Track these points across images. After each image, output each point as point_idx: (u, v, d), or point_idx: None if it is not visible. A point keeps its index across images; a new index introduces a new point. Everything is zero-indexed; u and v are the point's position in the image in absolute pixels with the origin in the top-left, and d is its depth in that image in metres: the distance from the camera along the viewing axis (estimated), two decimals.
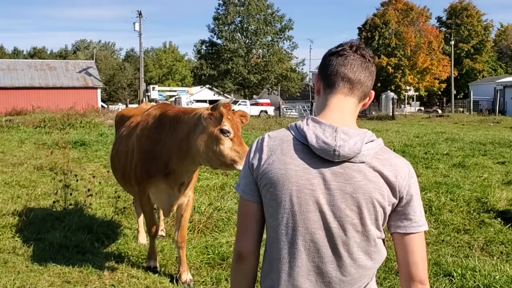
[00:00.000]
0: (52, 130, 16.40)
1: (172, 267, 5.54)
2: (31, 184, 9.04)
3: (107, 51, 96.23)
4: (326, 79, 1.93)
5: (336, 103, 1.90)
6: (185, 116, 4.85)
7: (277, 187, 1.82)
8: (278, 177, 1.82)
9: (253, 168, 1.88)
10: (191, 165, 4.92)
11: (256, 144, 1.92)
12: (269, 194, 1.84)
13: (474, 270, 5.20)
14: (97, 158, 11.46)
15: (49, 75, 45.67)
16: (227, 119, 4.40)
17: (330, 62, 1.92)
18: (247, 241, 1.93)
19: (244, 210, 1.93)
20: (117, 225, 6.92)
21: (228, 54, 57.41)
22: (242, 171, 1.97)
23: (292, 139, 1.86)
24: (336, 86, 1.91)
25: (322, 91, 1.96)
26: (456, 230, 6.86)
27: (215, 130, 4.41)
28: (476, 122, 27.96)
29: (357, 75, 1.90)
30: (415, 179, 1.91)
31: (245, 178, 1.93)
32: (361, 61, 1.91)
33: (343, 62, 1.90)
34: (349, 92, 1.91)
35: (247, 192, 1.92)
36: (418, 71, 57.22)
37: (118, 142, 6.01)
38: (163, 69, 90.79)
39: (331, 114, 1.89)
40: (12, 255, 5.83)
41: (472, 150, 13.31)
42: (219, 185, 8.81)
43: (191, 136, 4.64)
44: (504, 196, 8.14)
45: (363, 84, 1.92)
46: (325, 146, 1.77)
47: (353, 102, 1.92)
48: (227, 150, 4.40)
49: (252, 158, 1.90)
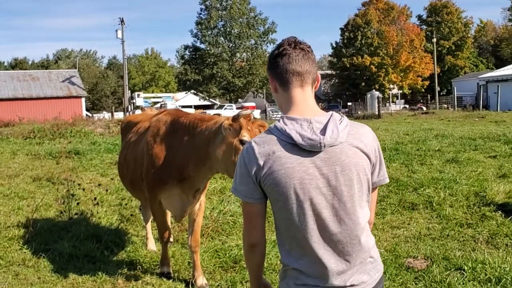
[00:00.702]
0: (42, 140, 16.31)
1: (185, 272, 5.57)
2: (30, 195, 9.00)
3: (89, 59, 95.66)
4: (280, 78, 2.24)
5: (298, 96, 2.22)
6: (203, 124, 4.88)
7: (280, 185, 2.10)
8: (280, 177, 2.10)
9: (256, 175, 2.13)
10: (208, 172, 4.97)
11: (247, 154, 2.15)
12: (275, 192, 2.12)
13: (484, 263, 5.28)
14: (92, 166, 11.42)
15: (32, 86, 45.34)
16: (246, 129, 4.46)
17: (277, 63, 2.22)
18: (256, 234, 2.22)
19: (250, 210, 2.21)
20: (125, 233, 6.92)
21: (212, 59, 57.41)
22: (238, 179, 2.19)
23: (278, 141, 2.12)
24: (291, 82, 2.22)
25: (280, 88, 2.26)
26: (459, 224, 6.96)
27: (235, 141, 4.47)
28: (462, 118, 28.20)
29: (303, 67, 2.21)
30: (376, 139, 2.30)
31: (246, 185, 2.16)
32: (302, 54, 2.22)
33: (289, 60, 2.20)
34: (303, 83, 2.23)
35: (249, 197, 2.17)
36: (401, 69, 57.74)
37: (126, 148, 6.01)
38: (147, 75, 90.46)
39: (299, 108, 2.20)
40: (22, 267, 5.81)
41: (463, 145, 13.47)
42: (218, 189, 8.84)
43: (211, 144, 4.68)
44: (502, 189, 8.27)
45: (310, 72, 2.24)
46: (311, 142, 2.09)
47: (309, 90, 2.26)
48: None
49: (249, 166, 2.14)
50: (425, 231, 6.79)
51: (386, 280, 5.14)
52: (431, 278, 5.09)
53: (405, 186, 8.82)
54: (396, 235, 6.73)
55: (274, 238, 6.40)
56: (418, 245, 6.26)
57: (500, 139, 14.42)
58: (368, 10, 59.78)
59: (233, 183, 2.25)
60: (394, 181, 9.22)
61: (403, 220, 7.32)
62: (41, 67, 79.25)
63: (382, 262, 5.06)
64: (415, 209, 7.74)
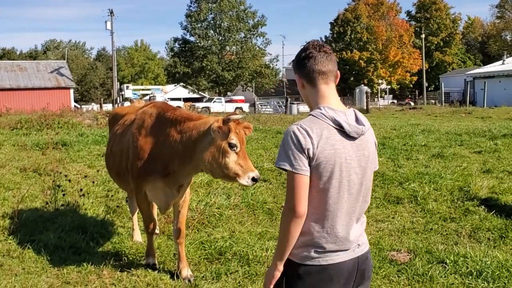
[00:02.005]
0: (30, 131, 16.18)
1: (170, 263, 5.60)
2: (16, 186, 8.94)
3: (78, 50, 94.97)
4: (307, 77, 2.63)
5: (325, 91, 2.62)
6: (190, 122, 4.90)
7: (329, 162, 2.48)
8: (330, 155, 2.48)
9: (309, 151, 2.45)
10: (192, 170, 5.01)
11: (301, 134, 2.47)
12: (323, 168, 2.47)
13: (466, 256, 5.37)
14: (80, 158, 11.36)
15: (20, 76, 44.95)
16: (235, 133, 4.49)
17: (305, 65, 2.62)
18: (305, 204, 2.47)
19: (303, 181, 2.46)
20: (111, 224, 6.93)
21: (201, 52, 57.13)
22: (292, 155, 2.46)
23: (327, 126, 2.50)
24: (317, 80, 2.61)
25: (308, 85, 2.66)
26: (442, 218, 7.05)
27: (223, 143, 4.50)
28: (449, 114, 28.37)
29: (327, 67, 2.61)
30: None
31: (300, 160, 2.45)
32: (326, 56, 2.62)
33: (315, 62, 2.60)
34: (328, 80, 2.63)
35: (305, 170, 2.46)
36: (390, 64, 58.00)
37: (112, 140, 6.03)
38: (136, 67, 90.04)
39: (332, 101, 2.61)
40: (7, 258, 5.81)
41: (449, 141, 13.58)
42: (205, 182, 8.86)
43: (198, 144, 4.71)
44: (485, 184, 8.37)
45: (333, 71, 2.64)
46: (356, 129, 2.55)
47: (333, 85, 2.66)
48: (232, 164, 4.51)
49: (305, 144, 2.45)
50: (409, 225, 6.87)
51: None
52: (414, 271, 5.17)
53: (390, 180, 8.89)
54: (380, 228, 6.80)
55: (259, 231, 6.49)
56: (401, 238, 6.34)
57: (486, 134, 14.55)
58: (358, 5, 59.92)
59: (280, 160, 2.49)
60: (380, 175, 9.29)
61: (388, 214, 7.40)
62: (29, 58, 78.51)
63: None
64: (400, 203, 7.82)
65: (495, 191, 8.12)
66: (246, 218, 7.16)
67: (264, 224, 6.92)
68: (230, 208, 7.47)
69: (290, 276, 2.55)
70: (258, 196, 7.99)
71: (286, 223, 2.48)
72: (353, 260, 2.58)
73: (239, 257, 5.60)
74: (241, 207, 7.55)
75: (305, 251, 2.52)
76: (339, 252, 2.53)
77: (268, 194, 8.20)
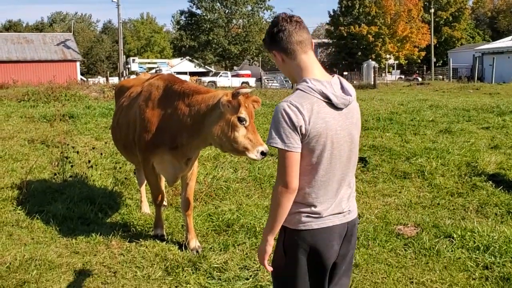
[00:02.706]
0: (37, 103, 16.21)
1: (178, 234, 5.63)
2: (24, 158, 9.00)
3: (84, 23, 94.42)
4: (285, 51, 2.61)
5: (306, 60, 2.61)
6: (199, 95, 4.86)
7: (322, 136, 2.51)
8: (322, 129, 2.50)
9: (301, 128, 2.46)
10: (201, 143, 5.00)
11: (293, 111, 2.47)
12: (315, 141, 2.50)
13: (473, 231, 5.37)
14: (87, 130, 11.41)
15: (26, 49, 44.88)
16: (244, 107, 4.46)
17: (280, 39, 2.59)
18: (297, 179, 2.52)
19: (295, 158, 2.50)
20: (119, 196, 6.97)
21: (208, 25, 56.72)
22: (283, 133, 2.47)
23: (316, 100, 2.51)
24: (296, 51, 2.59)
25: (287, 59, 2.63)
26: (450, 193, 7.04)
27: (232, 118, 4.48)
28: (456, 89, 28.18)
29: (303, 36, 2.60)
30: None
31: (292, 138, 2.47)
32: (298, 25, 2.60)
33: (290, 33, 2.58)
34: (306, 49, 2.61)
35: (296, 147, 2.48)
36: (398, 39, 57.35)
37: (119, 113, 6.01)
38: (142, 41, 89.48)
39: (315, 71, 2.61)
40: (16, 227, 5.86)
41: (457, 116, 13.54)
42: (212, 155, 8.88)
43: (207, 118, 4.68)
44: (493, 160, 8.35)
45: (308, 39, 2.63)
46: (344, 100, 2.58)
47: (312, 53, 2.65)
48: (241, 138, 4.49)
49: (297, 122, 2.46)
50: (416, 200, 6.87)
51: (376, 246, 5.23)
52: (421, 245, 5.18)
53: (397, 155, 8.88)
54: (387, 203, 6.80)
55: (266, 204, 6.51)
56: (408, 213, 6.34)
57: (494, 110, 14.49)
58: None
59: (272, 138, 2.50)
60: (387, 150, 9.28)
61: (395, 189, 7.40)
62: (35, 30, 78.12)
63: (372, 228, 5.24)
64: (407, 178, 7.81)
65: (502, 167, 8.10)
66: (253, 192, 7.18)
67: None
68: (237, 181, 7.49)
69: (288, 242, 2.63)
70: (265, 170, 8.01)
71: (279, 199, 2.51)
72: (343, 225, 2.67)
73: (247, 229, 5.63)
74: (248, 181, 7.57)
75: (298, 216, 2.58)
76: (330, 216, 2.61)
77: (274, 169, 8.19)
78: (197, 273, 4.65)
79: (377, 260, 4.90)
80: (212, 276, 4.60)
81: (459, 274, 4.58)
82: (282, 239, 2.66)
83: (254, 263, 4.77)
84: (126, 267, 4.83)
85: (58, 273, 4.71)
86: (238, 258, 4.92)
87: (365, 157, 8.65)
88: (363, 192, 7.20)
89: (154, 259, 4.98)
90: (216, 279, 4.54)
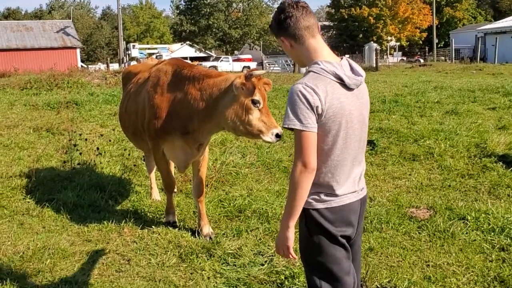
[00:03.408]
0: (40, 91, 16.14)
1: (190, 221, 5.61)
2: (30, 146, 8.96)
3: (83, 10, 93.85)
4: (294, 36, 2.66)
5: (314, 45, 2.66)
6: (210, 79, 4.79)
7: (337, 116, 2.57)
8: (337, 109, 2.57)
9: (317, 109, 2.52)
10: (214, 128, 4.94)
11: (309, 93, 2.51)
12: (331, 122, 2.56)
13: (487, 213, 5.34)
14: (92, 117, 11.34)
15: (26, 36, 44.70)
16: (258, 89, 4.40)
17: (288, 25, 2.64)
18: (315, 159, 2.55)
19: (313, 138, 2.54)
20: (128, 183, 6.93)
21: (207, 9, 56.40)
22: (300, 114, 2.51)
23: (329, 82, 2.57)
24: (304, 36, 2.64)
25: (296, 44, 2.68)
26: (460, 175, 7.00)
27: (246, 100, 4.41)
28: (459, 70, 28.01)
29: (310, 21, 2.65)
30: None
31: (310, 118, 2.51)
32: (304, 10, 2.65)
33: (297, 19, 2.62)
34: (314, 33, 2.66)
35: (314, 127, 2.53)
36: (399, 20, 57.01)
37: (127, 99, 5.95)
38: (141, 26, 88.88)
39: (324, 53, 2.66)
40: (26, 216, 5.84)
41: (462, 97, 13.46)
42: (219, 141, 8.83)
43: (220, 102, 4.62)
44: (502, 140, 8.29)
45: (316, 23, 2.68)
46: (355, 81, 2.64)
47: (319, 37, 2.70)
48: (256, 121, 4.44)
49: (313, 102, 2.51)
50: (426, 182, 6.83)
51: (389, 229, 5.20)
52: (435, 227, 5.15)
53: (405, 138, 8.83)
54: (398, 185, 6.77)
55: (277, 189, 6.48)
56: (420, 195, 6.31)
57: (499, 91, 14.40)
58: None
59: (290, 119, 2.53)
60: (395, 132, 9.22)
61: (404, 171, 7.36)
62: (34, 18, 77.70)
63: (385, 212, 5.27)
64: (416, 160, 7.77)
65: None
66: (263, 177, 7.15)
67: (281, 182, 6.90)
68: (246, 166, 7.45)
69: (310, 224, 2.68)
70: (273, 154, 7.96)
71: (299, 180, 2.53)
72: (358, 202, 2.76)
73: (259, 214, 5.60)
74: (257, 166, 7.53)
75: (317, 196, 2.65)
76: (348, 194, 2.70)
77: (283, 153, 8.16)
78: (211, 260, 4.63)
79: (392, 244, 4.87)
80: (227, 262, 4.58)
81: (475, 256, 4.56)
82: (304, 222, 2.70)
83: (268, 248, 4.75)
84: (139, 255, 4.81)
85: (72, 261, 4.69)
86: (252, 244, 4.90)
87: (373, 140, 8.59)
88: (373, 175, 7.16)
89: (168, 246, 4.96)
90: (231, 265, 4.52)
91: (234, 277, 4.29)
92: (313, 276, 2.74)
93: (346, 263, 2.74)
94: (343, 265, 2.72)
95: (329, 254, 2.69)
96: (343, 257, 2.73)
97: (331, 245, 2.69)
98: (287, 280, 4.15)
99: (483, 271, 4.29)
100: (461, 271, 4.31)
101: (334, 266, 2.70)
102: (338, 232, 2.68)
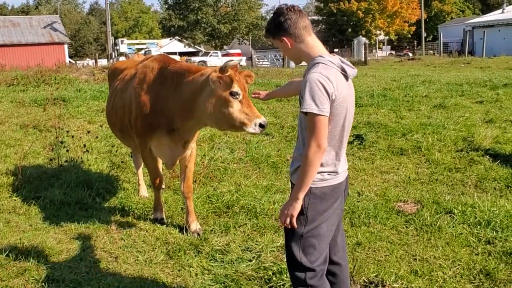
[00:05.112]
0: (27, 87, 16.00)
1: (178, 217, 5.59)
2: (17, 143, 8.88)
3: (70, 5, 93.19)
4: (294, 36, 2.99)
5: (312, 42, 3.02)
6: (189, 75, 4.74)
7: (345, 101, 2.92)
8: (345, 96, 2.92)
9: (332, 95, 2.82)
10: (195, 125, 4.90)
11: (325, 81, 2.81)
12: (341, 106, 2.90)
13: (474, 206, 5.37)
14: (79, 114, 11.27)
15: (13, 32, 44.32)
16: (236, 80, 4.33)
17: (288, 26, 2.98)
18: (326, 140, 2.85)
19: (325, 122, 2.83)
20: (116, 180, 6.90)
21: (196, 4, 56.08)
22: (318, 100, 2.79)
23: (336, 72, 2.90)
24: (303, 35, 3.00)
25: (295, 43, 3.01)
26: (447, 169, 7.04)
27: (225, 94, 4.34)
28: (447, 64, 28.16)
29: (306, 21, 3.01)
30: None
31: (326, 104, 2.81)
32: (300, 13, 3.02)
33: (295, 21, 2.97)
34: (310, 32, 3.03)
35: (328, 111, 2.82)
36: (388, 15, 57.16)
37: (113, 96, 5.90)
38: (129, 21, 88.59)
39: (321, 49, 3.02)
40: (13, 214, 5.79)
41: (450, 91, 13.54)
42: (207, 136, 8.82)
43: (197, 98, 4.57)
44: (489, 134, 8.35)
45: (310, 24, 3.04)
46: (353, 73, 3.00)
47: (314, 36, 3.05)
48: (237, 113, 4.35)
49: (329, 89, 2.81)
50: (414, 176, 6.86)
51: (377, 223, 5.22)
52: (422, 221, 5.17)
53: (393, 132, 8.86)
54: (386, 180, 6.79)
55: (265, 184, 6.48)
56: (407, 189, 6.34)
57: (486, 84, 14.50)
58: None
59: (308, 104, 2.79)
60: (383, 127, 9.26)
61: (392, 165, 7.39)
62: (21, 13, 77.11)
63: (372, 206, 5.35)
64: (404, 154, 7.80)
65: (498, 141, 8.11)
66: (251, 172, 7.14)
67: (270, 178, 6.90)
68: (235, 162, 7.44)
69: (309, 199, 2.96)
70: (261, 149, 7.96)
71: (313, 159, 2.84)
72: (345, 180, 3.15)
73: (247, 210, 5.59)
74: (245, 161, 7.52)
75: (322, 176, 2.97)
76: (342, 173, 3.08)
77: (271, 148, 8.16)
78: (199, 256, 4.62)
79: (379, 238, 4.89)
80: (215, 259, 4.57)
81: (462, 249, 4.58)
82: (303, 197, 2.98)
83: (256, 244, 4.74)
84: (127, 252, 4.78)
85: (59, 259, 4.65)
86: (240, 240, 4.89)
87: (361, 134, 8.61)
88: (361, 170, 7.18)
89: (155, 243, 4.94)
90: (219, 262, 4.51)
91: (222, 273, 4.28)
92: (295, 247, 3.02)
93: (327, 248, 3.09)
94: (325, 247, 3.06)
95: (318, 229, 3.00)
96: (327, 239, 3.07)
97: (323, 222, 3.00)
98: (275, 276, 4.14)
99: (469, 264, 4.31)
100: (448, 264, 4.33)
101: (318, 242, 3.00)
102: (332, 210, 3.03)
